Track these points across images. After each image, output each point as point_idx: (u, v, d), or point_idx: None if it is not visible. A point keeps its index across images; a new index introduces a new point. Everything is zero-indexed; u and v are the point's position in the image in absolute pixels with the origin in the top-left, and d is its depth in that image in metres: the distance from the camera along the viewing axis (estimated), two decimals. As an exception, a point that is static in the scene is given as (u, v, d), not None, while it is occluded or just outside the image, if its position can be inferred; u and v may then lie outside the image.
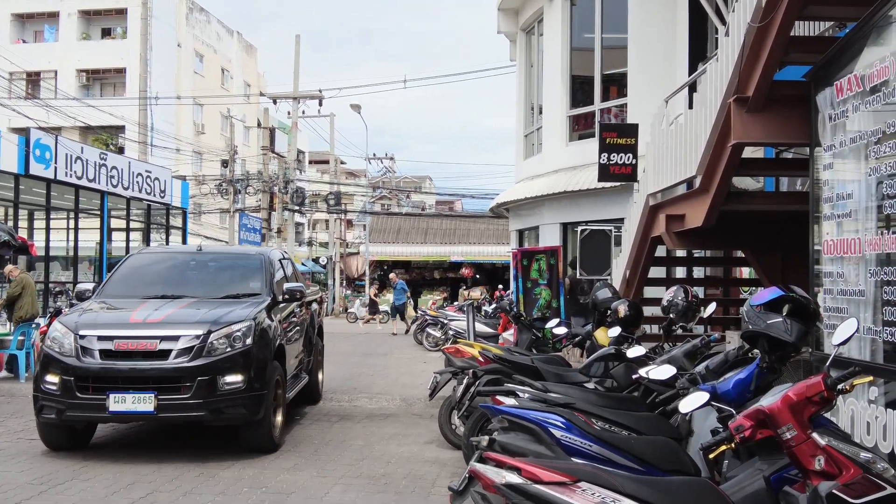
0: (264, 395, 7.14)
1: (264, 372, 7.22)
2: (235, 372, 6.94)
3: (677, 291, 7.01)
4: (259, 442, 7.27)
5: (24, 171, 16.39)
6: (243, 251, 10.95)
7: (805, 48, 6.61)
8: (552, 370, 7.09)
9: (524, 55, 19.27)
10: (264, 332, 7.39)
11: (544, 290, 12.71)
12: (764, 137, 6.80)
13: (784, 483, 3.08)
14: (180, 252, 10.47)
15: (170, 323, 7.16)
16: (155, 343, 6.89)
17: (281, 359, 7.83)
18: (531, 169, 18.01)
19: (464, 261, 38.21)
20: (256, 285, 8.32)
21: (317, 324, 10.48)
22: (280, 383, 7.68)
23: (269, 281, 8.35)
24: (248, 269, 8.72)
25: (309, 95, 33.34)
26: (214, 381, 6.85)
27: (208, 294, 8.07)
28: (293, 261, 10.23)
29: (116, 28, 38.68)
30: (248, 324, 7.18)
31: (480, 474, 3.00)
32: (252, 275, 8.52)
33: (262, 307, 7.64)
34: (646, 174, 9.90)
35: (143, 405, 6.75)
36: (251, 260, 8.97)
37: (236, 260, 9.34)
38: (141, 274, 8.66)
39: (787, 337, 3.89)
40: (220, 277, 8.71)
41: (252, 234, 31.33)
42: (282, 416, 7.78)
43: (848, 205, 5.20)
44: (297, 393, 8.77)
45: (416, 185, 62.24)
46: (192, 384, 6.79)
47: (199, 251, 9.41)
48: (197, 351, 6.88)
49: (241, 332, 7.08)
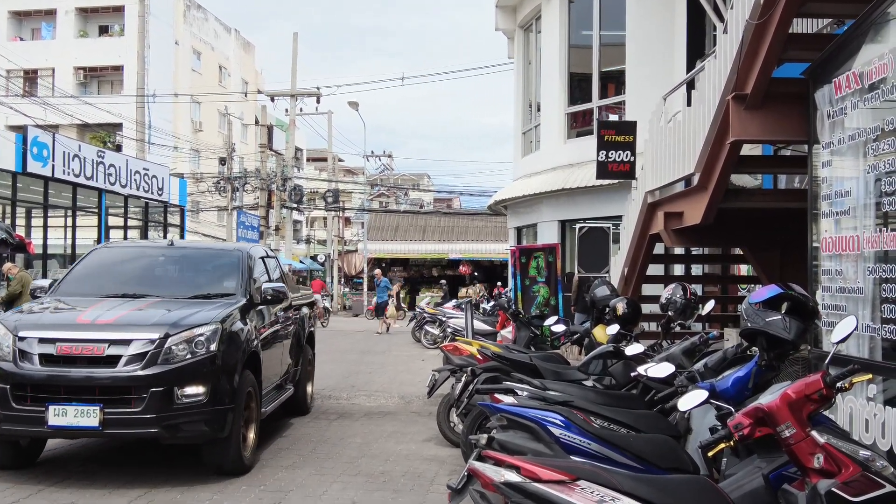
0: (230, 410, 6.23)
1: (232, 383, 6.34)
2: (196, 382, 6.05)
3: (676, 289, 7.01)
4: (224, 463, 6.37)
5: (22, 169, 16.39)
6: (219, 247, 10.03)
7: (803, 45, 6.60)
8: (551, 368, 7.08)
9: (522, 52, 19.25)
10: (234, 336, 6.53)
11: (542, 288, 12.71)
12: (762, 135, 6.79)
13: (783, 481, 3.08)
14: (149, 247, 9.60)
15: (122, 325, 6.26)
16: (102, 347, 5.97)
17: (255, 368, 6.97)
18: (529, 166, 18.01)
19: (462, 258, 38.22)
20: (231, 285, 7.45)
21: (306, 330, 9.57)
22: (253, 396, 6.81)
23: (245, 280, 7.49)
24: (224, 266, 7.86)
25: (307, 93, 33.34)
26: (171, 393, 5.94)
27: (176, 293, 7.24)
28: (278, 259, 9.42)
29: (114, 25, 38.62)
30: (214, 327, 6.28)
31: (479, 472, 2.99)
32: (227, 273, 7.67)
33: (233, 309, 6.78)
34: (644, 171, 9.89)
35: (86, 419, 5.82)
36: (227, 257, 8.08)
37: (211, 257, 8.42)
38: (103, 270, 7.79)
39: (785, 335, 3.89)
40: (190, 275, 7.85)
41: (250, 231, 31.30)
42: (254, 433, 6.86)
43: (846, 202, 5.19)
44: (278, 406, 7.97)
45: (414, 182, 62.16)
46: (144, 396, 5.88)
47: (170, 246, 8.56)
48: (151, 357, 5.97)
49: (205, 337, 6.18)
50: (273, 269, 8.72)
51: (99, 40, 38.30)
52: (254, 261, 7.99)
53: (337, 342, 20.22)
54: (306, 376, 9.42)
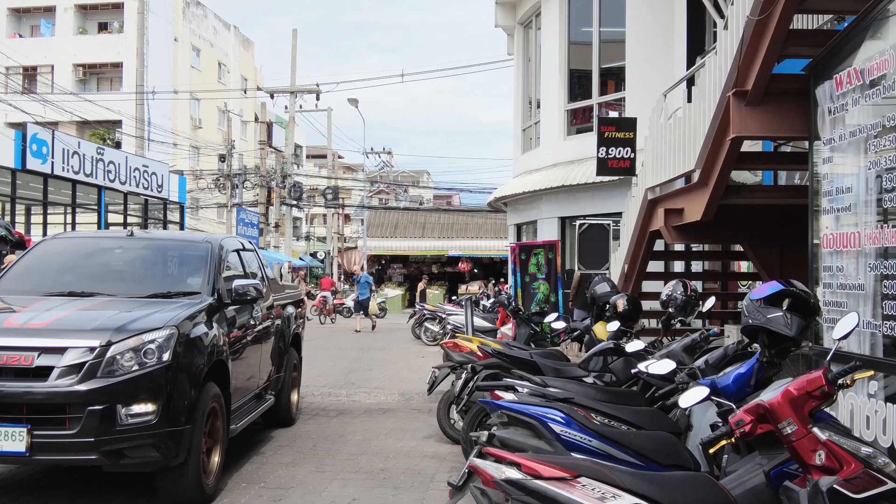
0: (186, 431, 5.32)
1: (190, 398, 5.42)
2: (145, 399, 5.13)
3: (676, 286, 7.01)
4: (181, 494, 5.47)
5: (21, 166, 16.38)
6: (186, 238, 8.57)
7: (804, 41, 6.58)
8: (551, 365, 7.08)
9: (522, 49, 19.23)
10: (194, 343, 5.59)
11: (542, 285, 12.71)
12: (763, 131, 6.78)
13: (784, 478, 3.07)
14: (104, 238, 8.31)
15: (56, 330, 5.30)
16: (31, 357, 5.03)
17: (222, 379, 6.06)
18: (529, 163, 17.99)
19: (462, 255, 38.23)
20: (196, 282, 6.53)
21: (291, 332, 8.60)
22: (218, 412, 5.89)
23: (213, 277, 6.53)
24: (189, 261, 6.94)
25: (306, 90, 33.33)
26: (113, 412, 5.01)
27: (131, 291, 6.33)
28: (258, 252, 8.48)
29: (113, 22, 38.57)
30: (168, 332, 5.34)
31: (480, 469, 2.99)
32: (193, 268, 6.78)
33: (195, 310, 5.86)
34: (644, 168, 9.88)
35: (10, 443, 4.89)
36: (194, 249, 7.05)
37: (175, 249, 7.32)
38: (51, 264, 6.83)
39: (787, 331, 3.88)
40: (150, 271, 6.97)
41: (249, 228, 31.29)
42: (219, 455, 5.93)
43: (847, 199, 5.18)
44: (255, 419, 7.11)
45: (413, 179, 62.19)
46: (80, 415, 4.94)
47: (129, 237, 7.50)
48: (89, 369, 5.04)
49: (157, 345, 5.26)
50: (251, 263, 7.86)
51: (98, 37, 38.25)
52: (225, 254, 7.06)
53: (337, 339, 20.25)
54: (291, 384, 8.54)
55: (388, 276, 40.34)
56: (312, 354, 15.83)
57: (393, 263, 40.75)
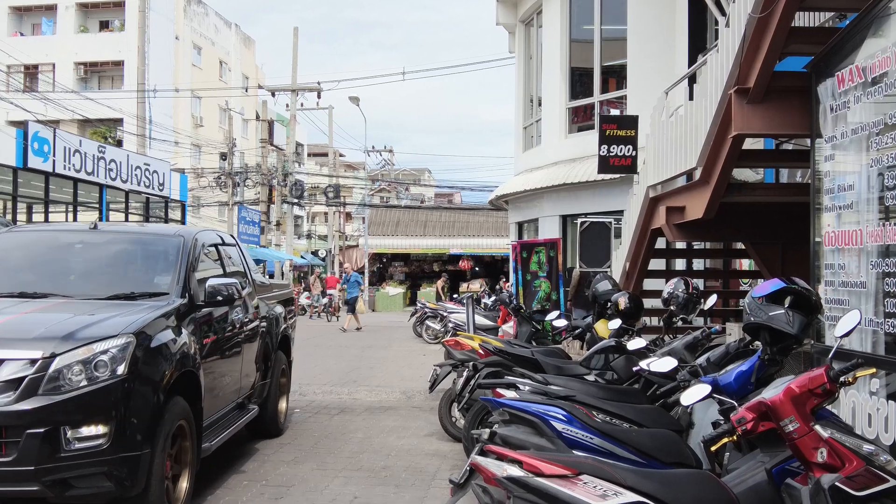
0: (145, 457, 4.62)
1: (150, 417, 4.71)
2: (95, 419, 4.44)
3: (677, 283, 7.01)
4: None
5: (23, 165, 16.38)
6: (156, 231, 7.51)
7: (806, 39, 6.57)
8: (552, 363, 7.08)
9: (523, 47, 19.22)
10: (157, 353, 4.89)
11: (544, 283, 12.72)
12: (764, 129, 6.77)
13: (786, 475, 3.07)
14: (65, 231, 7.23)
15: None
16: None
17: (192, 393, 5.35)
18: (531, 161, 17.99)
19: (463, 253, 38.21)
20: (165, 281, 5.79)
21: (279, 334, 7.92)
22: (186, 431, 5.21)
23: (184, 275, 5.83)
24: (158, 256, 6.19)
25: (307, 88, 33.35)
26: (57, 435, 4.34)
27: (89, 292, 5.62)
28: (241, 247, 7.74)
29: (114, 21, 38.59)
30: (124, 341, 4.64)
31: (481, 467, 2.99)
32: (162, 265, 6.04)
33: (160, 313, 5.16)
34: (646, 166, 9.87)
35: None
36: (164, 244, 6.27)
37: (143, 244, 6.51)
38: (2, 261, 6.12)
39: (789, 329, 3.88)
40: (113, 268, 6.19)
41: (251, 226, 31.32)
42: (188, 481, 5.29)
43: (849, 196, 5.17)
44: (236, 432, 6.48)
45: (414, 177, 62.22)
46: (18, 439, 4.29)
47: (92, 230, 6.52)
48: (29, 385, 4.36)
49: (110, 355, 4.55)
50: (231, 260, 7.18)
51: (99, 35, 38.27)
52: (199, 250, 6.32)
53: (338, 338, 20.27)
54: (278, 391, 7.88)
55: (389, 274, 40.34)
56: (314, 353, 15.86)
57: (394, 262, 40.74)
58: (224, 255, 6.99)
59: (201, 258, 6.31)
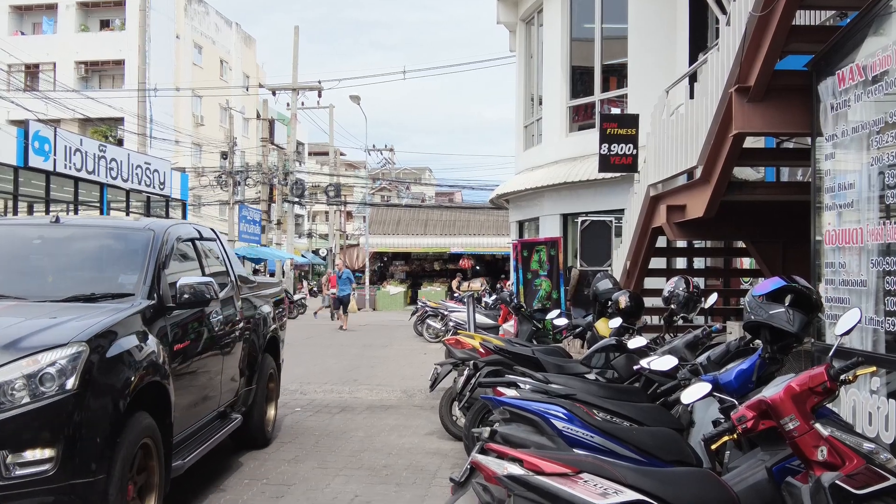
0: (99, 483, 4.00)
1: (105, 437, 4.08)
2: (40, 441, 3.87)
3: (678, 282, 7.00)
4: None
5: (24, 164, 16.39)
6: (123, 225, 6.72)
7: (806, 37, 6.57)
8: (553, 361, 7.09)
9: (524, 46, 19.21)
10: (115, 362, 4.26)
11: (544, 282, 12.72)
12: (765, 127, 6.77)
13: (786, 474, 3.08)
14: (24, 225, 6.57)
15: None
16: None
17: (160, 407, 4.76)
18: (531, 160, 17.99)
19: (464, 252, 38.20)
20: (130, 280, 5.16)
21: (267, 336, 7.37)
22: (152, 451, 4.58)
23: (152, 274, 5.19)
24: (123, 253, 5.57)
25: (308, 87, 33.36)
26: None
27: (46, 293, 5.07)
28: (222, 242, 7.10)
29: (115, 20, 38.60)
30: (75, 351, 4.02)
31: (482, 465, 2.99)
32: (128, 263, 5.41)
33: (121, 317, 4.54)
34: (646, 165, 9.87)
35: None
36: (131, 239, 5.64)
37: (108, 239, 5.85)
38: None
39: (789, 327, 3.88)
40: (74, 267, 5.58)
41: (252, 225, 31.35)
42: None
43: (849, 195, 5.17)
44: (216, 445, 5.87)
45: (415, 176, 62.23)
46: None
47: (53, 223, 5.91)
48: None
49: (59, 368, 3.95)
50: (211, 256, 6.57)
51: (100, 34, 38.28)
52: (172, 245, 5.69)
53: (339, 337, 20.26)
54: (265, 397, 7.33)
55: (390, 273, 40.34)
56: (314, 352, 15.87)
57: (395, 260, 40.72)
58: (202, 250, 6.38)
59: (175, 254, 5.70)
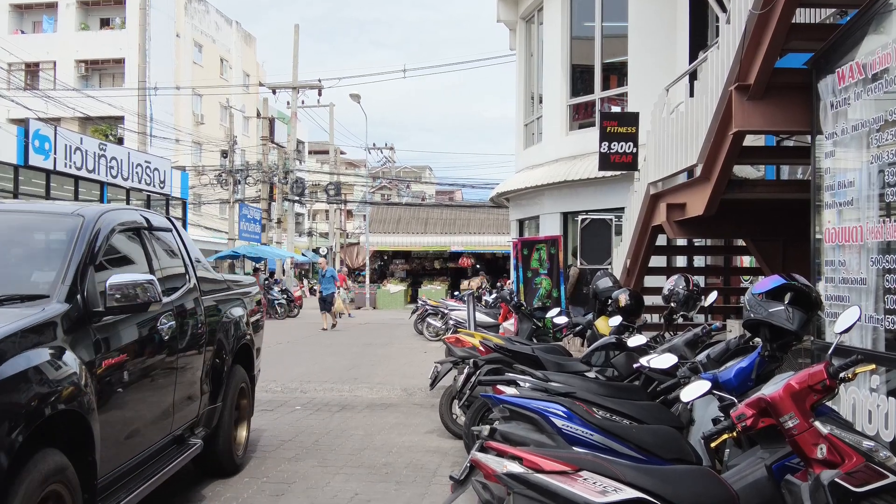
0: None
1: None
2: None
3: (678, 280, 7.00)
4: None
5: (24, 162, 16.39)
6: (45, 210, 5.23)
7: (806, 35, 6.57)
8: (553, 359, 7.09)
9: (524, 44, 19.20)
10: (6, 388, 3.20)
11: (545, 280, 12.71)
12: (765, 125, 6.76)
13: (786, 471, 3.07)
14: None
15: None
16: None
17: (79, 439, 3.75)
18: (531, 158, 17.99)
19: (464, 251, 38.21)
20: (45, 278, 4.11)
21: (237, 343, 6.29)
22: (65, 499, 3.56)
23: (75, 270, 4.13)
24: (41, 245, 4.58)
25: (308, 85, 33.35)
26: None
27: None
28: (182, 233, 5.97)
29: (115, 18, 38.57)
30: None
31: (482, 463, 2.99)
32: (44, 257, 4.43)
33: (22, 327, 3.51)
34: (646, 163, 9.87)
35: None
36: (53, 227, 4.64)
37: (23, 229, 4.66)
38: None
39: (788, 325, 3.88)
40: None
41: (252, 224, 31.37)
42: None
43: (849, 193, 5.17)
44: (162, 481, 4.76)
45: (415, 175, 62.21)
46: None
47: None
48: None
49: None
50: (162, 250, 5.43)
51: (100, 33, 38.26)
52: (105, 235, 4.58)
53: (339, 336, 20.27)
54: (238, 414, 6.32)
55: (390, 271, 40.34)
56: (314, 350, 15.88)
57: (395, 259, 40.73)
58: (150, 242, 5.21)
59: (109, 247, 4.62)
